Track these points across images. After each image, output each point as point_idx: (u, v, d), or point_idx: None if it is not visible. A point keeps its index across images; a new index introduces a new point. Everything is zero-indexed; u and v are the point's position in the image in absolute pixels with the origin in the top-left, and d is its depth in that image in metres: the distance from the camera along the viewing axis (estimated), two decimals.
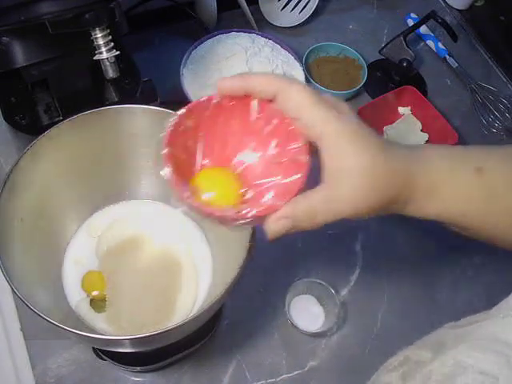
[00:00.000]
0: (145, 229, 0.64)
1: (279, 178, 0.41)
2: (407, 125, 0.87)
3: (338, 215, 0.39)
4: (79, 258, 0.61)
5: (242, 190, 0.42)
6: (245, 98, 0.40)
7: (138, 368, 0.61)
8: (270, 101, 0.39)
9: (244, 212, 0.38)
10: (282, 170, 0.41)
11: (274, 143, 0.42)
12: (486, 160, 0.42)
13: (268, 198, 0.41)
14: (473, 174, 0.41)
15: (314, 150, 0.39)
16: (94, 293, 0.58)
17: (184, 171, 0.40)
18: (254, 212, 0.38)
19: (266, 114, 0.40)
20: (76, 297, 0.58)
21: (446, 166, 0.41)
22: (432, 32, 1.00)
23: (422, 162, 0.40)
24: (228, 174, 0.43)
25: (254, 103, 0.40)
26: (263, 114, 0.40)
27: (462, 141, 0.86)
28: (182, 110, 0.40)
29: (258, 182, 0.42)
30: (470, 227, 0.43)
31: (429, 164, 0.40)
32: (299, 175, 0.39)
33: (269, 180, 0.42)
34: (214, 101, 0.40)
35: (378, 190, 0.38)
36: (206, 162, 0.43)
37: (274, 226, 0.39)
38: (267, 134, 0.41)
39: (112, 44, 0.57)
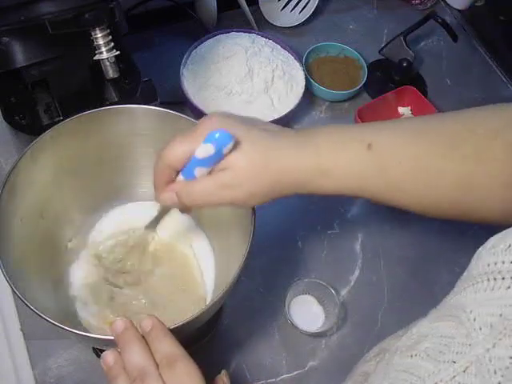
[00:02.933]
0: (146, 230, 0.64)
1: None
2: None
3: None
4: (79, 257, 0.61)
5: None
6: None
7: None
8: None
9: None
10: None
11: None
12: (375, 135, 0.44)
13: None
14: (364, 150, 0.44)
15: None
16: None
17: None
18: None
19: None
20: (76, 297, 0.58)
21: (338, 145, 0.44)
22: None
23: (311, 147, 0.44)
24: None
25: None
26: None
27: None
28: None
29: None
30: (370, 198, 0.46)
31: (319, 147, 0.44)
32: None
33: None
34: None
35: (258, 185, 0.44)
36: None
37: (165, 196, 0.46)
38: None
39: (112, 44, 0.57)
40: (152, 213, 0.65)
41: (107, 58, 0.57)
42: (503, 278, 0.26)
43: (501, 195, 0.42)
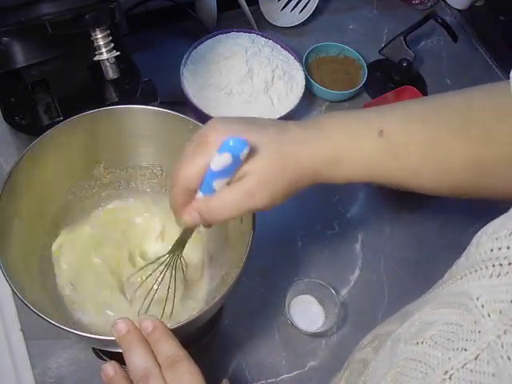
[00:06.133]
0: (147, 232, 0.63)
1: None
2: None
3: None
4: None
5: None
6: None
7: None
8: None
9: None
10: None
11: None
12: (386, 121, 0.44)
13: None
14: (375, 137, 0.43)
15: None
16: None
17: None
18: None
19: None
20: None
21: (349, 134, 0.44)
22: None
23: (322, 136, 0.44)
24: None
25: None
26: None
27: None
28: None
29: None
30: (380, 183, 0.47)
31: (330, 136, 0.44)
32: None
33: None
34: None
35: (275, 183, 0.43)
36: None
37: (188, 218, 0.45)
38: None
39: (112, 45, 0.57)
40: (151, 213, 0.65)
41: (107, 59, 0.57)
42: (510, 264, 0.26)
43: (510, 174, 0.42)
